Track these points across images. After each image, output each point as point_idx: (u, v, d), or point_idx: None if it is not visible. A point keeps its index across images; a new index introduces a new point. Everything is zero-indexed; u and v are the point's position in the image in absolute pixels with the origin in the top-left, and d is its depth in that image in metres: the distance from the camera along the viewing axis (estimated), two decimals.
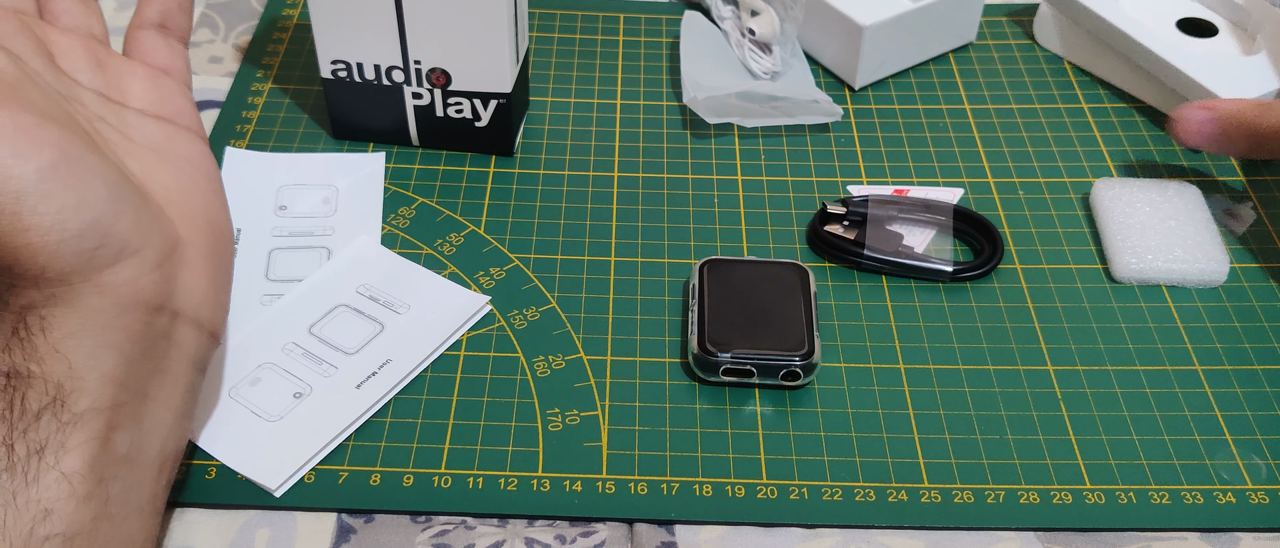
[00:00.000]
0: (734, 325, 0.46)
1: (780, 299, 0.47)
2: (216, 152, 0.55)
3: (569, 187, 0.55)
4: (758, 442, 0.44)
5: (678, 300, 0.49)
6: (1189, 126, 0.53)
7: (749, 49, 0.62)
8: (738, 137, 0.58)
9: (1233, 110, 0.53)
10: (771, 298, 0.47)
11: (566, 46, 0.64)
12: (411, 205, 0.53)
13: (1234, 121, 0.53)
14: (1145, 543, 0.41)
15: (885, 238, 0.51)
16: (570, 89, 0.61)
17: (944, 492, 0.42)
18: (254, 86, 0.60)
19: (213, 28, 0.64)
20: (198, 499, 0.41)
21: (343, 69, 0.53)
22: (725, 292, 0.47)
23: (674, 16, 0.66)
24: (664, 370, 0.47)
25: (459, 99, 0.54)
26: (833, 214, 0.52)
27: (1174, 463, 0.44)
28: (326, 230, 0.52)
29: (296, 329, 0.47)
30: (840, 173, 0.56)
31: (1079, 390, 0.46)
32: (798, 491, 0.42)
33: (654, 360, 0.47)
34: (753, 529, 0.41)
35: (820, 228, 0.52)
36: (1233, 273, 0.51)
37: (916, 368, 0.47)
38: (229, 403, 0.44)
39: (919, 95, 0.61)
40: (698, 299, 0.47)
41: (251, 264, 0.50)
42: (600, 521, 0.41)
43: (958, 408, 0.45)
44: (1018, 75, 0.63)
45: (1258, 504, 0.42)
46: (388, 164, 0.55)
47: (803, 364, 0.45)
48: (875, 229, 0.52)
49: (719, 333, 0.45)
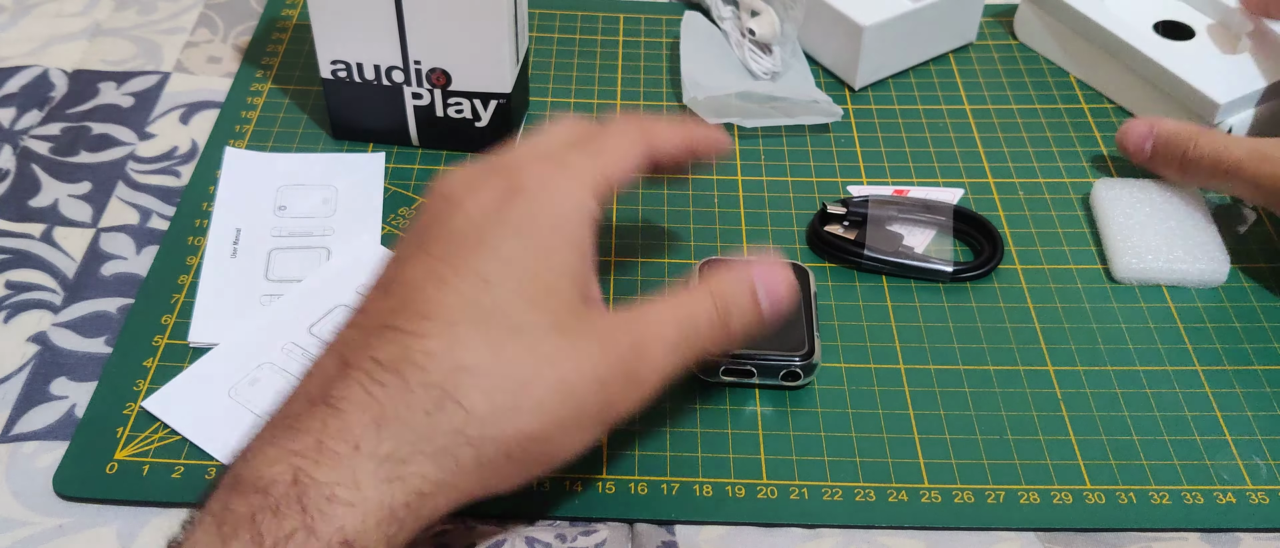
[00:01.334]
0: None
1: None
2: (216, 152, 0.55)
3: None
4: (758, 442, 0.44)
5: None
6: (1130, 140, 0.54)
7: (749, 49, 0.62)
8: (738, 137, 0.58)
9: (1169, 132, 0.53)
10: None
11: (566, 46, 0.64)
12: (411, 206, 0.53)
13: (1168, 144, 0.52)
14: (1145, 543, 0.41)
15: (885, 238, 0.51)
16: (570, 89, 0.61)
17: (944, 492, 0.42)
18: (253, 87, 0.60)
19: (212, 28, 0.64)
20: (198, 499, 0.41)
21: (343, 69, 0.53)
22: None
23: (674, 16, 0.66)
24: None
25: (459, 99, 0.54)
26: (833, 214, 0.52)
27: (1174, 463, 0.44)
28: (326, 231, 0.52)
29: (296, 329, 0.47)
30: (840, 173, 0.56)
31: (1079, 391, 0.46)
32: (798, 491, 0.42)
33: None
34: (753, 530, 0.41)
35: (820, 228, 0.52)
36: (1233, 273, 0.51)
37: (916, 368, 0.47)
38: (229, 403, 0.44)
39: (919, 95, 0.61)
40: None
41: (251, 264, 0.50)
42: (600, 521, 0.41)
43: (958, 408, 0.45)
44: (1018, 75, 0.63)
45: (1258, 504, 0.42)
46: (388, 164, 0.55)
47: (803, 364, 0.45)
48: (875, 229, 0.52)
49: None
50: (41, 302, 0.48)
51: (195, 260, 0.50)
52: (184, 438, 0.43)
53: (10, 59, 0.61)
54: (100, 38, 0.63)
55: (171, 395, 0.44)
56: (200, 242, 0.51)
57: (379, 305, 0.36)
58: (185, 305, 0.48)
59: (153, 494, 0.41)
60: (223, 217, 0.52)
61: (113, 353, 0.46)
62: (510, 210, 0.36)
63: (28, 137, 0.56)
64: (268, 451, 0.33)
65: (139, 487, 0.41)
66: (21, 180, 0.54)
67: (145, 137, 0.57)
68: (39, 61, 0.61)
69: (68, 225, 0.52)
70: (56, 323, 0.47)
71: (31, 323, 0.47)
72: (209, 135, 0.57)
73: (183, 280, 0.49)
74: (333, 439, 0.33)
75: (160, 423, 0.43)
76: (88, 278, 0.49)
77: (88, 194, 0.53)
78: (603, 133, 0.40)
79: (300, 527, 0.31)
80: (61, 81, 0.60)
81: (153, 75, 0.60)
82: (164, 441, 0.43)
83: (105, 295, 0.49)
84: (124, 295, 0.49)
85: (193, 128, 0.57)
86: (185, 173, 0.55)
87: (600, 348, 0.35)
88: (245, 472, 0.32)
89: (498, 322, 0.34)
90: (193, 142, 0.56)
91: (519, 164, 0.38)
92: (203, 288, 0.48)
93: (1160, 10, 0.62)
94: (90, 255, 0.50)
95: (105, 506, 0.41)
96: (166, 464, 0.42)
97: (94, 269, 0.50)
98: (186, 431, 0.43)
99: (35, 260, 0.50)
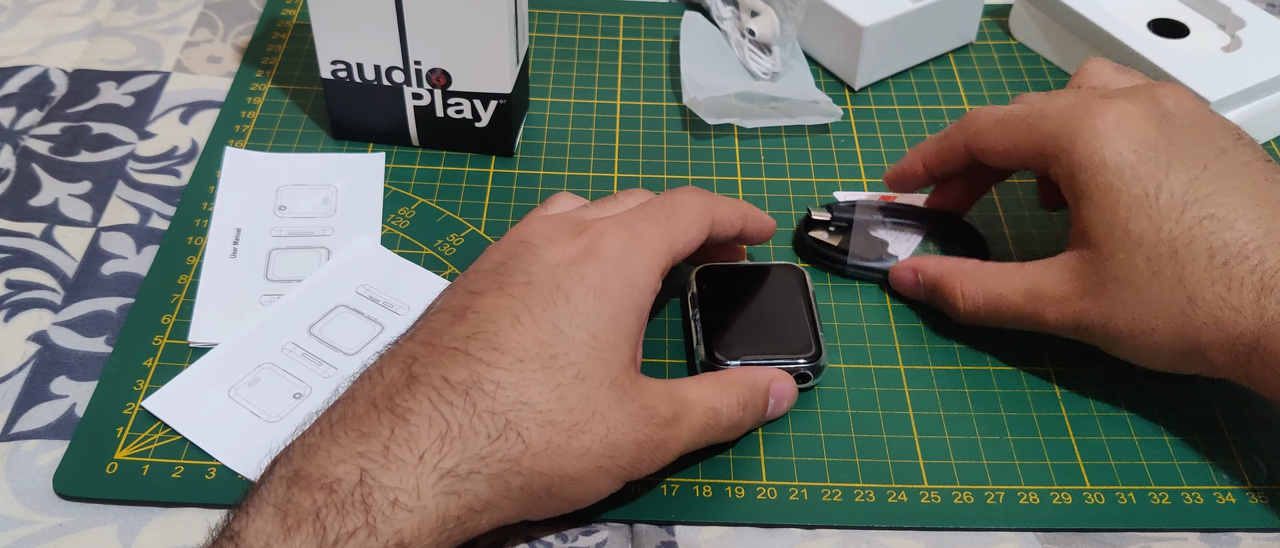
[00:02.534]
0: (739, 331, 0.46)
1: (781, 302, 0.47)
2: (216, 151, 0.55)
3: (569, 187, 0.55)
4: (758, 442, 0.44)
5: (677, 301, 0.49)
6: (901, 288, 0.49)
7: (749, 49, 0.62)
8: (738, 137, 0.58)
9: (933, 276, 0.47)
10: (772, 301, 0.47)
11: (566, 46, 0.64)
12: (411, 206, 0.53)
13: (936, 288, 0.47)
14: (1145, 543, 0.41)
15: (870, 245, 0.51)
16: (570, 89, 0.61)
17: (944, 492, 0.42)
18: (253, 87, 0.60)
19: (212, 28, 0.64)
20: (198, 499, 0.41)
21: (343, 69, 0.53)
22: (725, 298, 0.47)
23: (674, 16, 0.66)
24: (664, 371, 0.47)
25: (459, 99, 0.54)
26: (817, 220, 0.52)
27: (1174, 463, 0.44)
28: (326, 231, 0.52)
29: (296, 330, 0.47)
30: (840, 173, 0.56)
31: (1079, 391, 0.46)
32: (798, 491, 0.42)
33: (654, 361, 0.47)
34: (753, 530, 0.41)
35: (805, 234, 0.52)
36: None
37: (916, 368, 0.47)
38: (229, 403, 0.44)
39: (919, 95, 0.61)
40: (698, 307, 0.47)
41: (251, 264, 0.50)
42: (600, 521, 0.41)
43: (958, 408, 0.45)
44: (1018, 75, 0.63)
45: (1257, 504, 0.42)
46: (388, 164, 0.55)
47: (810, 367, 0.45)
48: (860, 236, 0.51)
49: (726, 340, 0.45)
50: (42, 301, 0.48)
51: (195, 260, 0.50)
52: (184, 438, 0.43)
53: (10, 59, 0.61)
54: (100, 37, 0.63)
55: (171, 395, 0.44)
56: (200, 241, 0.51)
57: (452, 329, 0.37)
58: (185, 305, 0.48)
59: (153, 494, 0.41)
60: (223, 216, 0.52)
61: (113, 353, 0.46)
62: (587, 268, 0.39)
63: (28, 136, 0.56)
64: (332, 449, 0.35)
65: (139, 487, 0.41)
66: (21, 180, 0.54)
67: (145, 136, 0.57)
68: (39, 61, 0.61)
69: (68, 224, 0.52)
70: (57, 322, 0.47)
71: (32, 322, 0.47)
72: (209, 135, 0.57)
73: (183, 280, 0.49)
74: (399, 447, 0.34)
75: (160, 423, 0.43)
76: (88, 277, 0.49)
77: (88, 193, 0.53)
78: (674, 206, 0.43)
79: (362, 526, 0.33)
80: (61, 81, 0.60)
81: (153, 75, 0.60)
82: (164, 441, 0.43)
83: (105, 295, 0.49)
84: (124, 295, 0.49)
85: (193, 128, 0.57)
86: (185, 173, 0.55)
87: (645, 414, 0.38)
88: (308, 467, 0.34)
89: (564, 367, 0.37)
90: (193, 141, 0.56)
91: (599, 228, 0.40)
92: (203, 288, 0.48)
93: (1154, 8, 0.62)
94: (90, 255, 0.50)
95: (106, 504, 0.41)
96: (167, 464, 0.42)
97: (94, 268, 0.50)
98: (186, 431, 0.43)
99: (35, 259, 0.50)
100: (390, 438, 0.35)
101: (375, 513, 0.33)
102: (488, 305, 0.38)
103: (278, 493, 0.34)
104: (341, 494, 0.33)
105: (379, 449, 0.34)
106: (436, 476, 0.35)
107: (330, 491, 0.33)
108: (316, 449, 0.35)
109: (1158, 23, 0.60)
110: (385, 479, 0.34)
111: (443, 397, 0.36)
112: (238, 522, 0.34)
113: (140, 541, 0.40)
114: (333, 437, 0.35)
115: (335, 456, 0.34)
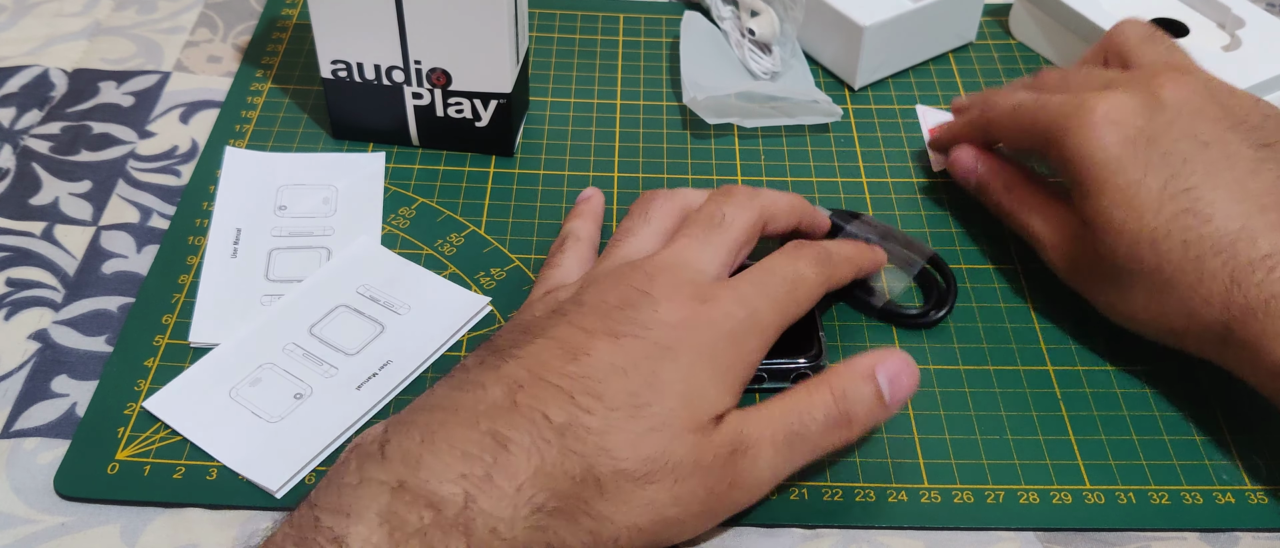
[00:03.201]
0: None
1: None
2: (217, 151, 0.55)
3: (569, 187, 0.55)
4: None
5: None
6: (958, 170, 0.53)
7: (749, 49, 0.62)
8: (738, 137, 0.58)
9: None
10: None
11: (566, 46, 0.64)
12: (411, 206, 0.53)
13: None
14: (1145, 543, 0.41)
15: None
16: (570, 89, 0.61)
17: (944, 492, 0.42)
18: (253, 86, 0.60)
19: (212, 27, 0.64)
20: (198, 500, 0.41)
21: (343, 69, 0.53)
22: None
23: (674, 16, 0.66)
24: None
25: (459, 99, 0.54)
26: None
27: (1174, 463, 0.44)
28: (326, 231, 0.52)
29: (297, 330, 0.47)
30: (840, 173, 0.56)
31: (1079, 391, 0.46)
32: (798, 491, 0.42)
33: None
34: (753, 530, 0.41)
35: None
36: None
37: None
38: (229, 404, 0.44)
39: (919, 95, 0.61)
40: None
41: (251, 264, 0.50)
42: None
43: (958, 408, 0.46)
44: (1017, 76, 0.63)
45: (1257, 504, 0.42)
46: (388, 164, 0.55)
47: (811, 367, 0.45)
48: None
49: None
50: (42, 299, 0.48)
51: (195, 260, 0.50)
52: (185, 439, 0.43)
53: (10, 59, 0.61)
54: (100, 37, 0.63)
55: (172, 396, 0.44)
56: (200, 241, 0.51)
57: (561, 366, 0.37)
58: (186, 305, 0.48)
59: (154, 495, 0.41)
60: (223, 216, 0.52)
61: (113, 353, 0.46)
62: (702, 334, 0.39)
63: (28, 136, 0.56)
64: (435, 465, 0.34)
65: (140, 487, 0.41)
66: (22, 179, 0.54)
67: (145, 136, 0.57)
68: (39, 61, 0.61)
69: (68, 223, 0.52)
70: (57, 321, 0.47)
71: (32, 320, 0.47)
72: (209, 135, 0.57)
73: (183, 280, 0.49)
74: (501, 475, 0.34)
75: (161, 423, 0.43)
76: (88, 276, 0.49)
77: (88, 193, 0.53)
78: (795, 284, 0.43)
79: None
80: (61, 81, 0.60)
81: (153, 75, 0.60)
82: (165, 441, 0.43)
83: (106, 294, 0.49)
84: (124, 294, 0.49)
85: (193, 127, 0.57)
86: (185, 172, 0.55)
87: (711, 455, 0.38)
88: (413, 480, 0.34)
89: (646, 418, 0.37)
90: (193, 141, 0.56)
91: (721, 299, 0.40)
92: (203, 288, 0.49)
93: (1154, 8, 0.62)
94: (91, 253, 0.50)
95: (108, 503, 0.41)
96: (168, 465, 0.42)
97: (95, 267, 0.50)
98: (187, 431, 0.43)
99: (36, 258, 0.50)
100: (493, 465, 0.34)
101: (476, 540, 0.33)
102: (598, 351, 0.38)
103: (380, 501, 0.33)
104: (448, 516, 0.33)
105: (482, 474, 0.34)
106: (530, 509, 0.34)
107: (437, 511, 0.33)
108: (419, 462, 0.34)
109: (1158, 22, 0.60)
110: (486, 506, 0.34)
111: (541, 433, 0.35)
112: (336, 523, 0.33)
113: (144, 540, 0.40)
114: (433, 448, 0.35)
115: (439, 473, 0.34)
